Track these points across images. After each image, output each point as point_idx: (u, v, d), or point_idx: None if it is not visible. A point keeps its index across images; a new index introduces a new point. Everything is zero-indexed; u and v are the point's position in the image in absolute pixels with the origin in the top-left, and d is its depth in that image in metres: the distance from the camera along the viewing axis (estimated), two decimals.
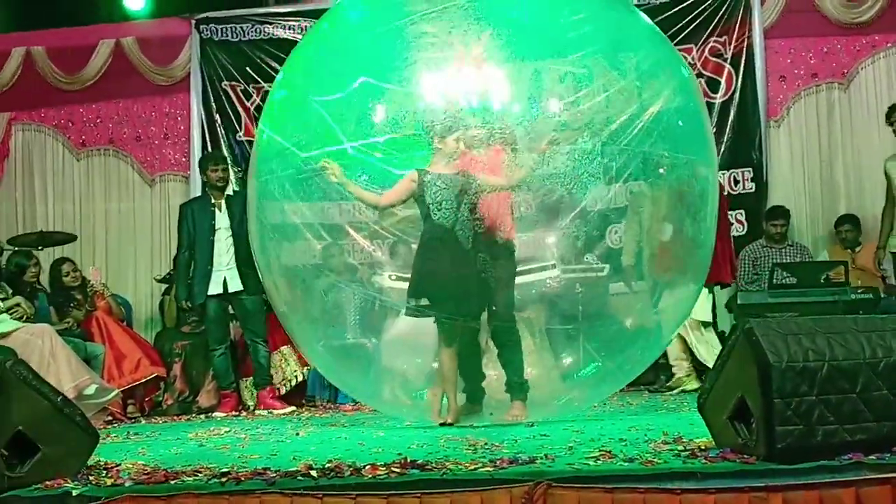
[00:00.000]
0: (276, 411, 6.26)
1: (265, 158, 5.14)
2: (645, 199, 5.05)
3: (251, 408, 6.55)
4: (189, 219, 6.60)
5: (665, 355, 6.30)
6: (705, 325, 6.47)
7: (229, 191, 6.80)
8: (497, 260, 4.64)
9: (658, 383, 6.70)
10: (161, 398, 6.77)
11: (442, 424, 4.47)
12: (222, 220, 6.52)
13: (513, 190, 4.67)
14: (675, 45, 6.15)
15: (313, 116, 4.86)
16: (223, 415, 6.33)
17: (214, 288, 6.45)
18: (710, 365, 5.75)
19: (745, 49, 7.87)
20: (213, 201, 6.59)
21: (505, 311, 4.72)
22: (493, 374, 4.90)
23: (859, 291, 6.13)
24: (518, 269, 4.81)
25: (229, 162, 7.41)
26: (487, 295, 4.66)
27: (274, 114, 5.26)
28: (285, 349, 6.74)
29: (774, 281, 6.40)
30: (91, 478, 2.93)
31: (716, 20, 7.88)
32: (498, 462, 2.88)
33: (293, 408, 6.41)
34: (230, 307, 6.59)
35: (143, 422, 6.14)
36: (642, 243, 5.13)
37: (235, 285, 6.45)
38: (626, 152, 4.73)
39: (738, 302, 6.29)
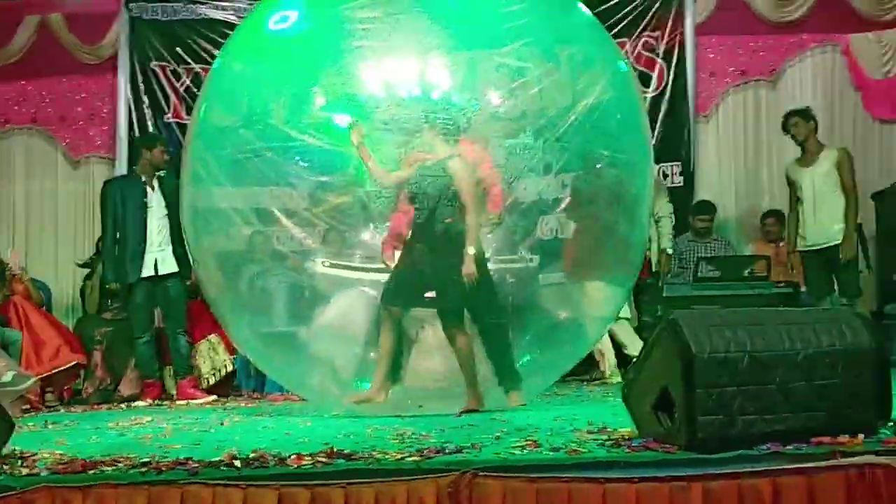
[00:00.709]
0: (196, 401, 6.16)
1: (200, 138, 5.07)
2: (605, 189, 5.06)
3: (174, 397, 6.43)
4: (117, 196, 6.37)
5: None
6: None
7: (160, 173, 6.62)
8: (436, 252, 4.56)
9: (588, 375, 6.76)
10: (81, 386, 6.61)
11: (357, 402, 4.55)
12: (155, 198, 6.34)
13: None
14: None
15: (252, 95, 4.85)
16: (146, 404, 6.20)
17: (145, 270, 6.27)
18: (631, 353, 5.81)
19: (677, 45, 8.00)
20: (143, 179, 6.40)
21: (457, 301, 4.58)
22: (423, 363, 4.88)
23: (781, 285, 6.29)
24: None
25: None
26: (422, 283, 4.62)
27: (213, 92, 5.21)
28: (213, 337, 6.65)
29: (699, 274, 6.52)
30: (6, 467, 2.84)
31: (649, 15, 8.01)
32: (425, 452, 2.87)
33: (214, 397, 6.31)
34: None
35: (62, 410, 5.97)
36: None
37: (167, 267, 6.29)
38: (567, 149, 4.74)
39: (664, 294, 6.39)
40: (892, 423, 2.94)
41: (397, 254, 4.80)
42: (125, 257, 6.30)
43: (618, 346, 6.69)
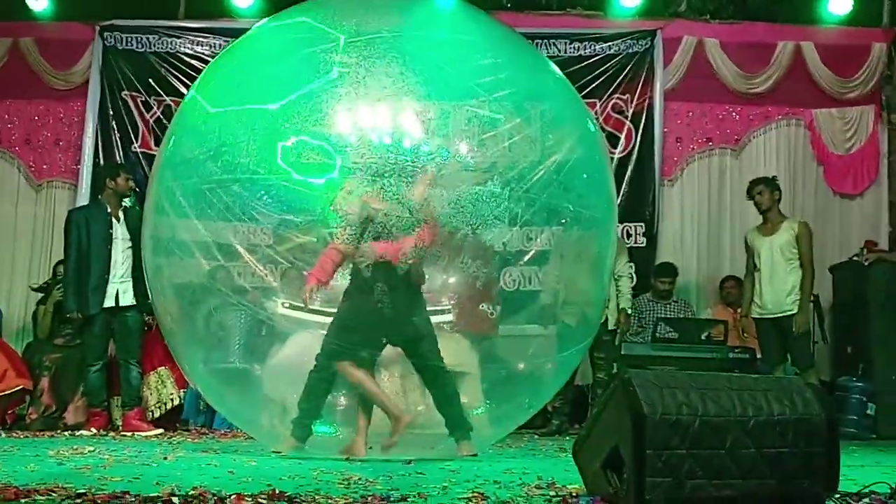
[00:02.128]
0: (142, 433, 6.04)
1: (167, 168, 5.03)
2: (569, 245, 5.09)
3: (120, 428, 6.30)
4: (82, 226, 6.31)
5: None
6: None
7: (125, 203, 6.55)
8: (396, 291, 4.55)
9: (546, 428, 6.72)
10: (25, 412, 6.44)
11: (275, 452, 4.51)
12: (120, 230, 6.29)
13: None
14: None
15: (222, 129, 4.79)
16: (90, 433, 6.07)
17: (106, 301, 6.20)
18: None
19: (645, 108, 8.13)
20: (109, 210, 6.34)
21: (414, 345, 4.60)
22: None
23: (737, 351, 6.34)
24: None
25: None
26: (382, 326, 4.59)
27: (183, 123, 5.17)
28: (163, 370, 6.53)
29: (657, 335, 6.56)
30: None
31: (620, 78, 8.13)
32: (370, 498, 2.82)
33: (160, 430, 6.20)
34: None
35: (3, 436, 5.82)
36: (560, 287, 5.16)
37: (127, 299, 6.24)
38: (534, 202, 4.78)
39: (622, 352, 6.42)
40: (837, 496, 2.94)
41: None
42: (88, 287, 6.22)
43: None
